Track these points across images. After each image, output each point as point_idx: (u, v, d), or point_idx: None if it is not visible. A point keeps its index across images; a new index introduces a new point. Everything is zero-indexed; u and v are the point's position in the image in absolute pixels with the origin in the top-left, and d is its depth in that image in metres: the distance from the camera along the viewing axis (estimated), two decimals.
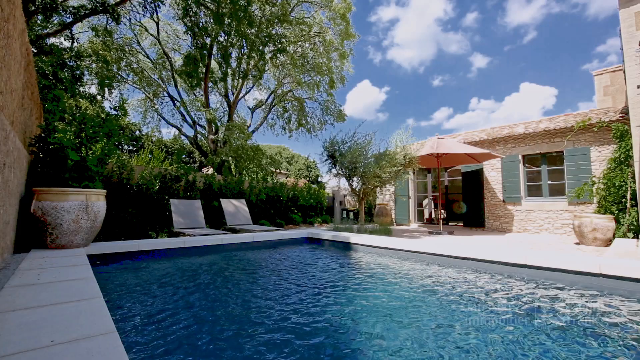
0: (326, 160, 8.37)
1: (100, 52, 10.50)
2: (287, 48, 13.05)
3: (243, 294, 3.10)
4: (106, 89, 10.55)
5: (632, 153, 6.89)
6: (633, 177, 6.97)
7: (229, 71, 13.36)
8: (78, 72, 9.83)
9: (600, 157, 8.14)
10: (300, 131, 16.44)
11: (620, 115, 7.82)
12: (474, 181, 10.48)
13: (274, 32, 12.49)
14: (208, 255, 4.92)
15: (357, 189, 8.26)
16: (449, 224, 11.96)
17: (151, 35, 13.69)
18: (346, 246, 5.86)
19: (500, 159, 9.55)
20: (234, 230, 6.96)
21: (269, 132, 17.64)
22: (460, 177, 11.08)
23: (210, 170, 13.80)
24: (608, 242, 6.23)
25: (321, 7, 13.89)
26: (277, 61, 14.30)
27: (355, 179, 8.08)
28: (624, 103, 8.50)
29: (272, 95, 16.22)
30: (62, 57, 9.07)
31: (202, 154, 14.76)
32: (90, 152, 4.92)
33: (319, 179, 29.15)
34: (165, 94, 14.98)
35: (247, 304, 2.77)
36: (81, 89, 10.51)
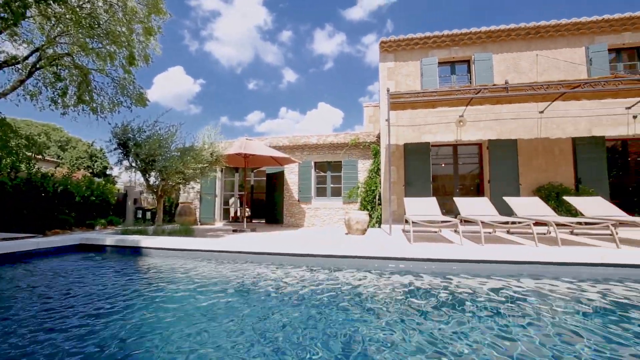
0: (115, 149, 6.95)
1: None
2: None
3: None
4: None
5: (381, 166, 9.55)
6: (380, 184, 9.65)
7: None
8: None
9: (363, 168, 10.77)
10: (82, 109, 12.90)
11: (376, 138, 10.64)
12: (277, 182, 11.53)
13: None
14: None
15: (155, 186, 7.30)
16: (253, 221, 12.59)
17: None
18: (136, 252, 5.04)
19: (298, 163, 10.94)
20: None
21: (28, 103, 12.94)
22: (265, 178, 11.92)
23: None
24: (364, 231, 8.28)
25: None
26: (50, 10, 10.67)
27: (153, 173, 7.11)
28: (379, 130, 11.64)
29: (38, 53, 11.92)
30: None
31: None
32: None
33: (108, 172, 23.96)
34: None
35: None
36: None
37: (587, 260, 3.86)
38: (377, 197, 9.76)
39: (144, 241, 5.07)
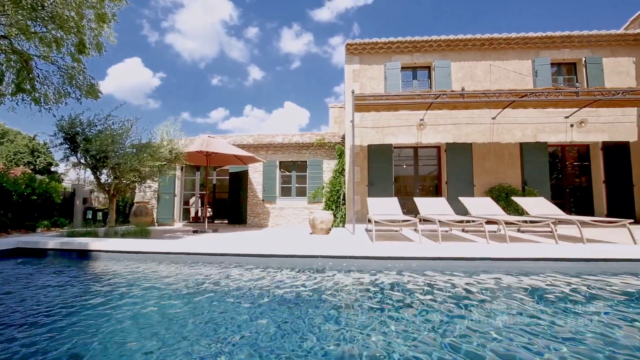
0: (61, 144, 6.38)
1: None
2: None
3: None
4: None
5: (346, 166, 9.69)
6: (345, 184, 9.78)
7: None
8: None
9: (328, 168, 10.86)
10: (22, 99, 11.71)
11: (341, 139, 10.77)
12: (240, 181, 11.26)
13: None
14: None
15: (107, 184, 6.80)
16: (215, 221, 12.20)
17: None
18: (83, 255, 4.67)
19: (262, 163, 10.77)
20: None
21: None
22: (228, 177, 11.60)
23: None
24: (329, 231, 8.34)
25: None
26: None
27: (104, 171, 6.61)
28: (345, 131, 11.79)
29: None
30: None
31: None
32: None
33: (53, 169, 21.98)
34: None
35: None
36: None
37: (531, 256, 4.20)
38: (341, 197, 9.89)
39: (94, 244, 4.70)
